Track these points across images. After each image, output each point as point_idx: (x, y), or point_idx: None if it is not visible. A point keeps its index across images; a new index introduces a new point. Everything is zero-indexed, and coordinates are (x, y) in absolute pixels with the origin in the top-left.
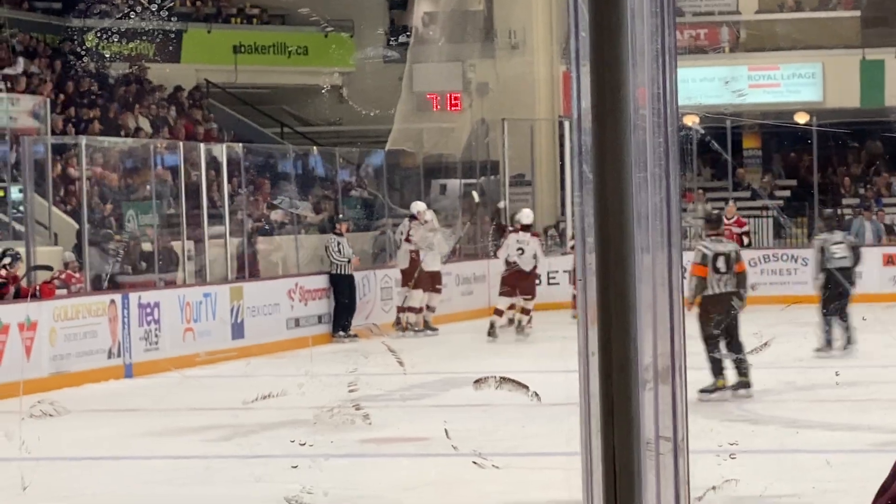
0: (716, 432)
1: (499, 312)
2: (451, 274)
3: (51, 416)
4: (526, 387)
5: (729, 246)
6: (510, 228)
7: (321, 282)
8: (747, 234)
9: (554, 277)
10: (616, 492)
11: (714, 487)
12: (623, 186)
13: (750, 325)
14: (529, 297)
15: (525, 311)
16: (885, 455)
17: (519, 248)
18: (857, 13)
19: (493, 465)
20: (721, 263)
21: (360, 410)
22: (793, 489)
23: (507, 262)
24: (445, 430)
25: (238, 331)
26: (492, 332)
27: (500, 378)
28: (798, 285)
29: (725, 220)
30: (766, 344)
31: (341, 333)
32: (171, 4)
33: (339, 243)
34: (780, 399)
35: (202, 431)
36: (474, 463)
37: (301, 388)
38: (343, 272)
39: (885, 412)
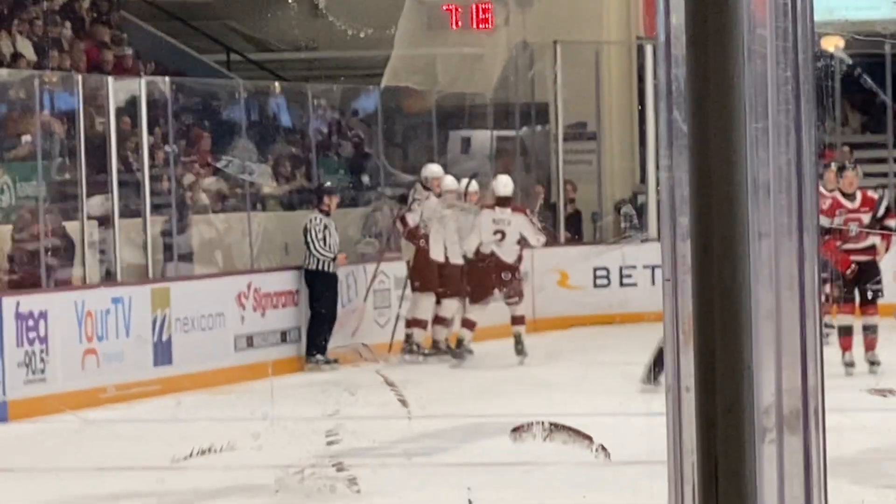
0: (848, 497)
1: (470, 325)
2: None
3: None
4: (588, 437)
5: None
6: (484, 204)
7: (287, 281)
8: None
9: (629, 276)
10: None
11: None
12: (733, 143)
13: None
14: (515, 299)
15: (516, 321)
16: None
17: (497, 232)
18: None
19: None
20: None
21: (343, 472)
22: None
23: (479, 252)
24: (469, 502)
25: (164, 353)
26: (458, 353)
27: (550, 424)
28: None
29: (825, 192)
30: None
31: (318, 357)
32: None
33: (325, 226)
34: None
35: (112, 503)
36: None
37: (257, 439)
38: (325, 269)
39: None
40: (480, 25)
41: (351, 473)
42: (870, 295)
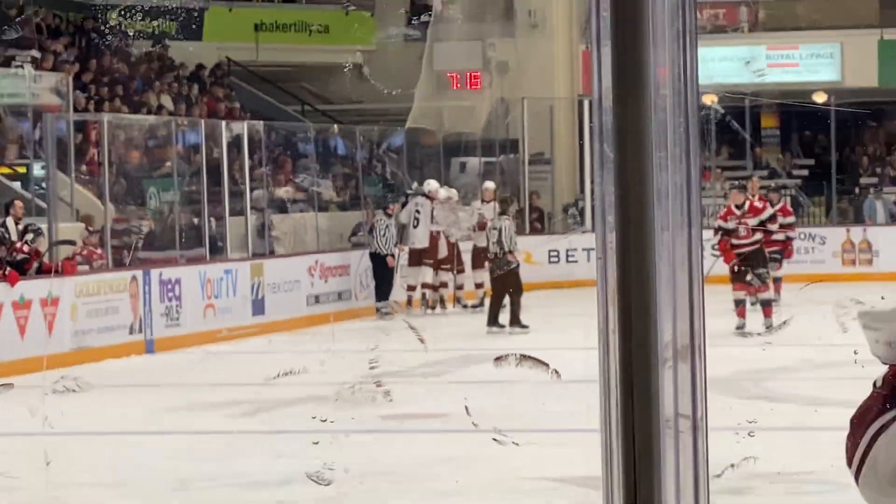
0: (734, 410)
1: (411, 288)
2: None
3: (73, 391)
4: (546, 364)
5: None
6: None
7: (342, 259)
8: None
9: (573, 255)
10: (635, 469)
11: (733, 465)
12: (643, 166)
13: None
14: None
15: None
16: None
17: (416, 213)
18: None
19: (512, 442)
20: None
21: (381, 387)
22: (811, 467)
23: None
24: (466, 407)
25: (259, 307)
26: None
27: (520, 355)
28: (816, 264)
29: (734, 207)
30: (784, 322)
31: (379, 307)
32: None
33: (387, 226)
34: (799, 377)
35: (224, 407)
36: (494, 440)
37: (322, 364)
38: (382, 254)
39: None
40: (472, 86)
41: (386, 388)
42: (756, 281)
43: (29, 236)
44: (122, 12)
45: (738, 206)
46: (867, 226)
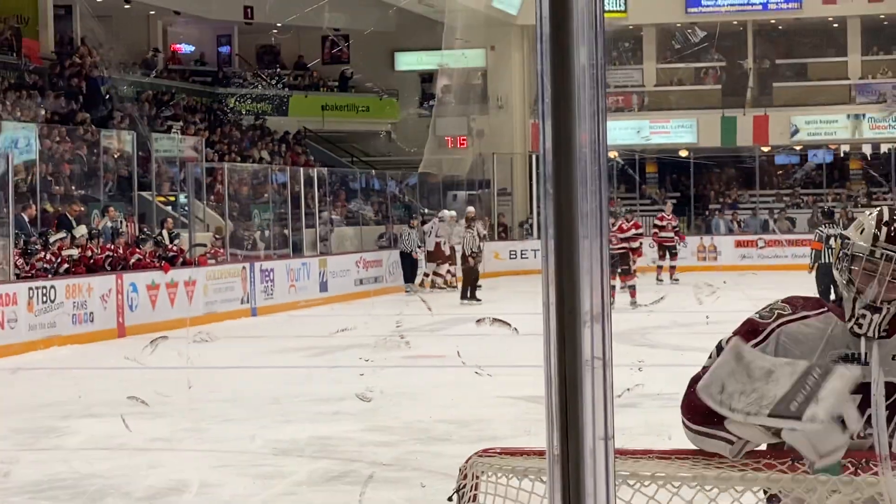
0: (629, 353)
1: (426, 275)
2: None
3: (206, 341)
4: (508, 324)
5: (838, 229)
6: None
7: (377, 256)
8: (678, 226)
9: (525, 254)
10: (566, 393)
11: (628, 389)
12: (572, 196)
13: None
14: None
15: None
16: None
17: (432, 228)
18: (719, 87)
19: (487, 374)
20: (833, 242)
21: (404, 338)
22: (677, 389)
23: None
24: (458, 352)
25: (324, 286)
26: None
27: (493, 318)
28: (681, 260)
29: (666, 216)
30: (661, 298)
31: (407, 287)
32: (283, 79)
33: (409, 234)
34: (670, 332)
35: (302, 351)
36: (476, 372)
37: (366, 323)
38: (408, 252)
39: None
40: (461, 146)
41: (407, 339)
42: (620, 271)
43: (176, 241)
44: (237, 98)
45: (668, 215)
46: (713, 235)
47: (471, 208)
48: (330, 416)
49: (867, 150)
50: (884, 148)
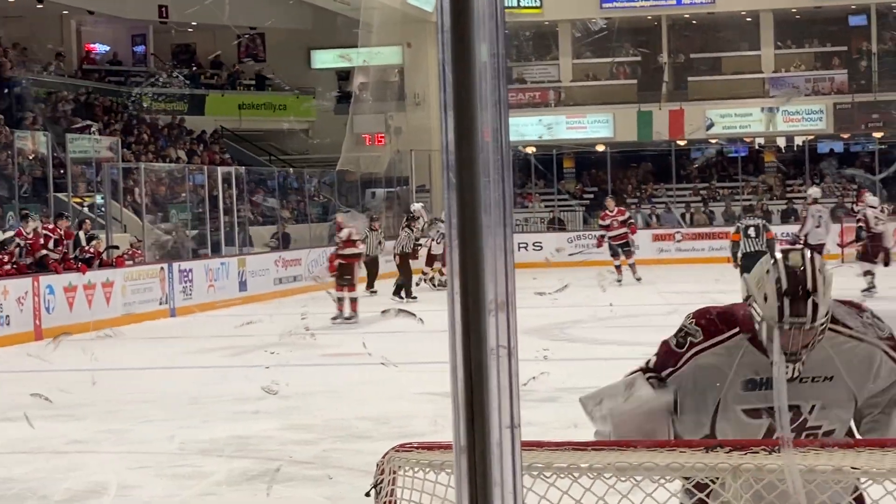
0: (536, 343)
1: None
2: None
3: (109, 336)
4: (414, 314)
5: (758, 220)
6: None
7: (296, 254)
8: (628, 219)
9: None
10: (472, 382)
11: (534, 377)
12: (475, 188)
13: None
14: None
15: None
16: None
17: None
18: (634, 81)
19: (394, 366)
20: (752, 231)
21: (308, 330)
22: (596, 383)
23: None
24: (363, 343)
25: (243, 286)
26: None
27: (399, 310)
28: (599, 254)
29: (609, 213)
30: (566, 286)
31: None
32: (199, 77)
33: (372, 237)
34: (586, 326)
35: (221, 350)
36: (382, 363)
37: (270, 316)
38: (373, 256)
39: (650, 334)
40: (378, 143)
41: (313, 333)
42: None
43: (93, 242)
44: (153, 97)
45: (610, 211)
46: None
47: (415, 205)
48: (249, 415)
49: (781, 142)
50: (798, 140)
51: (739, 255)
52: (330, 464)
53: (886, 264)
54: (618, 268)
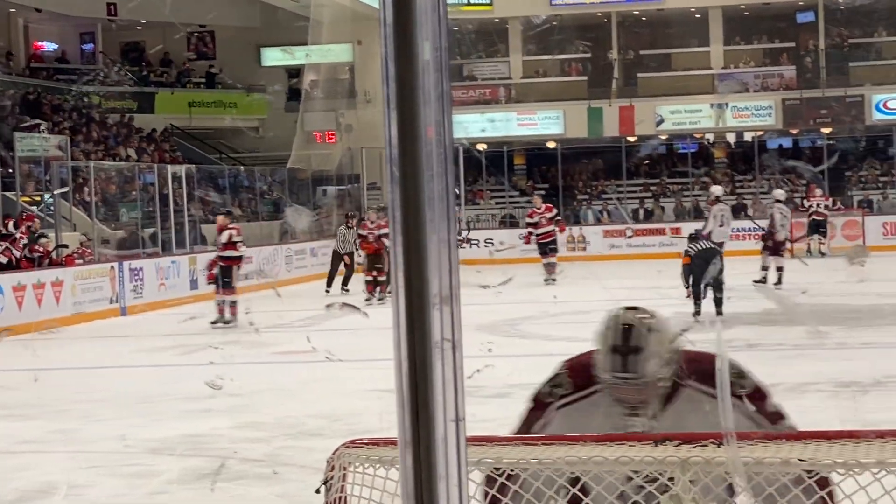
0: (486, 339)
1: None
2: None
3: (54, 336)
4: (358, 308)
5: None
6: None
7: (248, 252)
8: (556, 216)
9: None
10: (416, 376)
11: (478, 370)
12: (418, 180)
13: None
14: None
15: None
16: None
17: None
18: (585, 78)
19: (339, 360)
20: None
21: (252, 325)
22: (528, 379)
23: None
24: (307, 337)
25: (194, 284)
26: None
27: (342, 303)
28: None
29: (536, 210)
30: (510, 279)
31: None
32: (149, 76)
33: (344, 234)
34: (539, 322)
35: (172, 349)
36: (327, 357)
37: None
38: (343, 253)
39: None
40: (329, 140)
41: (257, 328)
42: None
43: (43, 241)
44: (102, 95)
45: (537, 208)
46: (582, 226)
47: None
48: (200, 413)
49: (731, 138)
50: (747, 136)
51: (690, 281)
52: (281, 461)
53: (781, 255)
54: (549, 266)
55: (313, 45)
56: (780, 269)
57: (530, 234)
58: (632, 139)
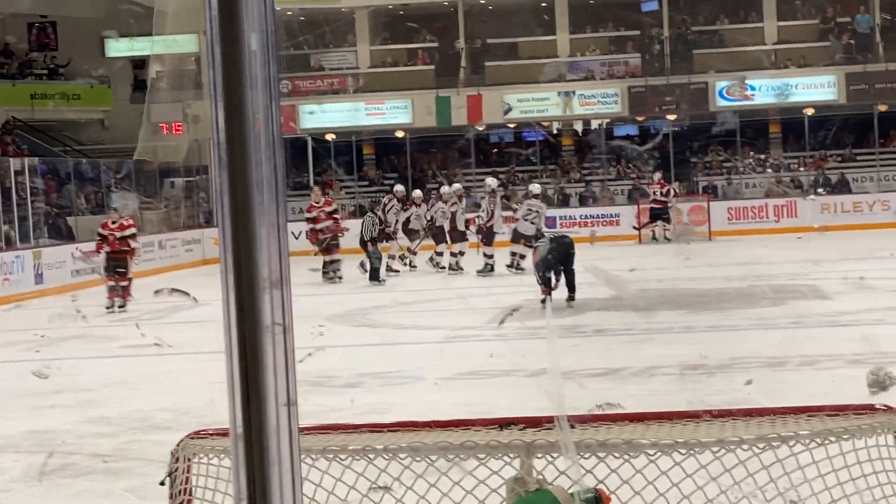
0: (339, 330)
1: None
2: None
3: None
4: (188, 293)
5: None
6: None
7: (92, 246)
8: (335, 211)
9: None
10: (247, 360)
11: (310, 353)
12: (246, 163)
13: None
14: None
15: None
16: (442, 343)
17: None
18: (432, 67)
19: (168, 346)
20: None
21: (79, 312)
22: (401, 367)
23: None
24: (136, 324)
25: (39, 279)
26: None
27: (171, 289)
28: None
29: (315, 204)
30: (338, 259)
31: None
32: None
33: (371, 220)
34: (390, 311)
35: (17, 345)
36: (156, 344)
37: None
38: (368, 239)
39: (452, 318)
40: (176, 132)
41: (83, 314)
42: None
43: None
44: None
45: (316, 202)
46: None
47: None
48: (46, 409)
49: (578, 126)
50: (594, 124)
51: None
52: (129, 455)
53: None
54: (331, 263)
55: (158, 36)
56: (462, 253)
57: (312, 229)
58: (480, 128)
